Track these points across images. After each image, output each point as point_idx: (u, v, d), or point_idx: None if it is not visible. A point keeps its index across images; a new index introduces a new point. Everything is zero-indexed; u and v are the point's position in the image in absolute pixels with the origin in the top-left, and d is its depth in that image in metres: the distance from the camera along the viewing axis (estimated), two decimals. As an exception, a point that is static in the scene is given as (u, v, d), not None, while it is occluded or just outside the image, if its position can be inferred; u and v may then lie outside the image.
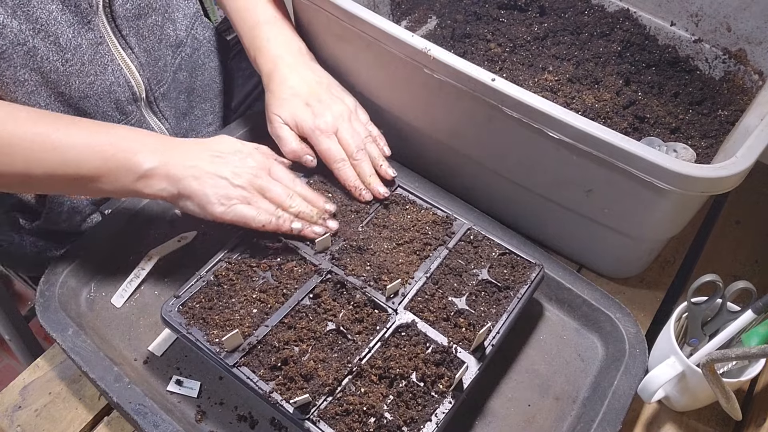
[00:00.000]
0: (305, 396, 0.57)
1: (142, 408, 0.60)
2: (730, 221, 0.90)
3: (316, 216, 0.70)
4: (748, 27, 0.85)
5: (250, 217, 0.67)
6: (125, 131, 0.67)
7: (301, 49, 0.79)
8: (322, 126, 0.73)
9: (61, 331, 0.65)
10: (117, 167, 0.64)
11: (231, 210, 0.66)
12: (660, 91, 0.90)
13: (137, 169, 0.65)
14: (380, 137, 0.78)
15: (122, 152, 0.64)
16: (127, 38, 0.79)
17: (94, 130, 0.65)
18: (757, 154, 0.62)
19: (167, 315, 0.64)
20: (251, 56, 0.79)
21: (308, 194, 0.72)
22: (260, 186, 0.68)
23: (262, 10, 0.79)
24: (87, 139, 0.64)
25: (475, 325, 0.65)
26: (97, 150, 0.64)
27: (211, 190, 0.66)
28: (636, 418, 0.71)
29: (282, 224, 0.68)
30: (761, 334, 0.63)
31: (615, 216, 0.71)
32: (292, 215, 0.69)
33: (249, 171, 0.68)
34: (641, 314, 0.78)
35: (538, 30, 0.94)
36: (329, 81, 0.78)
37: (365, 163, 0.74)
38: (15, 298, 1.61)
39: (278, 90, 0.75)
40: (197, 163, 0.66)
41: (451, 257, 0.71)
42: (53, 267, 0.71)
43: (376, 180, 0.74)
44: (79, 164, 0.63)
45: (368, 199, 0.74)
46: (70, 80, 0.74)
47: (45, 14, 0.68)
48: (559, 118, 0.63)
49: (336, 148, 0.74)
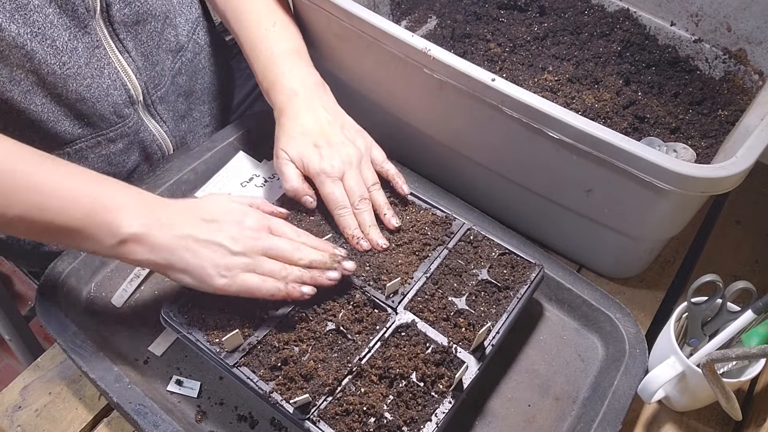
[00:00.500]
0: (305, 396, 0.57)
1: (142, 408, 0.60)
2: (730, 221, 0.90)
3: (330, 261, 0.65)
4: (748, 27, 0.86)
5: (255, 288, 0.61)
6: (110, 184, 0.61)
7: (317, 84, 0.76)
8: (328, 170, 0.70)
9: (61, 331, 0.65)
10: (97, 225, 0.58)
11: (234, 281, 0.61)
12: (660, 91, 0.90)
13: (118, 231, 0.58)
14: (398, 176, 0.75)
15: (103, 209, 0.58)
16: (125, 42, 0.78)
17: (77, 177, 0.60)
18: (757, 154, 0.62)
19: (167, 315, 0.64)
20: (264, 88, 0.76)
21: (316, 243, 0.67)
22: (262, 248, 0.62)
23: (276, 42, 0.76)
24: (69, 186, 0.58)
25: (475, 325, 0.65)
26: (77, 200, 0.58)
27: (208, 262, 0.60)
28: (636, 418, 0.71)
29: (291, 292, 0.62)
30: (761, 334, 0.63)
31: (615, 216, 0.71)
32: (302, 267, 0.64)
33: (247, 234, 0.62)
34: (641, 314, 0.78)
35: (538, 30, 0.94)
36: (343, 120, 0.75)
37: (366, 213, 0.72)
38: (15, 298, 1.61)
39: (288, 126, 0.73)
40: (189, 231, 0.60)
41: (451, 257, 0.71)
42: (53, 267, 0.71)
43: (375, 231, 0.71)
44: (56, 213, 0.57)
45: (365, 249, 0.70)
46: (67, 83, 0.73)
47: (42, 18, 0.68)
48: (559, 118, 0.63)
49: (339, 194, 0.70)
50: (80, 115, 0.78)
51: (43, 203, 0.57)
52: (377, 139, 0.77)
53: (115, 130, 0.82)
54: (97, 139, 0.81)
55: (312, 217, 0.73)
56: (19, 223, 0.57)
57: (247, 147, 0.87)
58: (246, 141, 0.87)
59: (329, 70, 0.82)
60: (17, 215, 0.56)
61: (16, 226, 0.58)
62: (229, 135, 0.87)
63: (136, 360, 0.68)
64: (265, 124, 0.88)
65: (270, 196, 0.80)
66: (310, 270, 0.64)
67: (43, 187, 0.57)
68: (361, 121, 0.77)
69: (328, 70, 0.82)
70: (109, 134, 0.82)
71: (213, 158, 0.84)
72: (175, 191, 0.80)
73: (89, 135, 0.80)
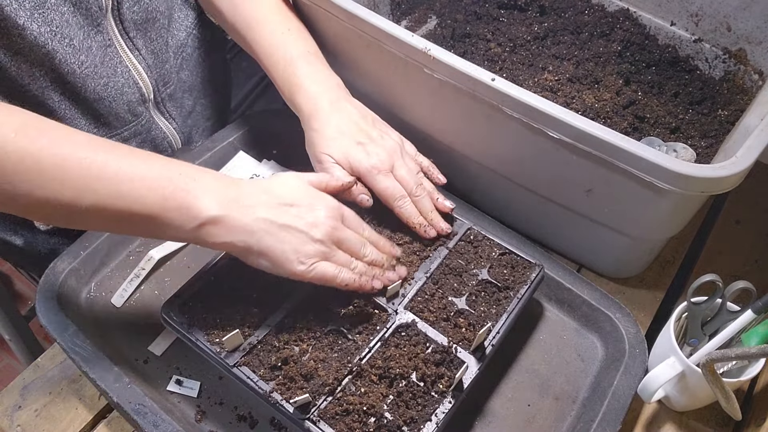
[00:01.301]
0: (305, 396, 0.57)
1: (142, 408, 0.60)
2: (730, 221, 0.90)
3: (387, 263, 0.66)
4: (748, 27, 0.86)
5: (332, 277, 0.62)
6: (183, 167, 0.60)
7: (339, 85, 0.75)
8: (379, 165, 0.69)
9: (61, 331, 0.65)
10: (176, 208, 0.57)
11: (312, 269, 0.61)
12: (660, 91, 0.90)
13: (198, 214, 0.57)
14: (432, 166, 0.75)
15: (181, 192, 0.57)
16: (135, 41, 0.79)
17: (150, 162, 0.59)
18: (757, 154, 0.62)
19: (167, 315, 0.64)
20: (286, 94, 0.75)
21: (377, 239, 0.68)
22: (338, 238, 0.63)
23: (294, 46, 0.75)
24: (144, 172, 0.57)
25: (475, 325, 0.65)
26: (154, 186, 0.57)
27: (289, 247, 0.60)
28: (636, 418, 0.71)
29: (364, 284, 0.63)
30: (761, 334, 0.63)
31: (615, 216, 0.71)
32: (365, 264, 0.65)
33: (326, 222, 0.62)
34: (641, 314, 0.78)
35: (538, 30, 0.94)
36: (373, 116, 0.75)
37: (425, 199, 0.71)
38: (15, 298, 1.61)
39: (323, 129, 0.71)
40: (269, 215, 0.60)
41: (451, 257, 0.71)
42: (53, 267, 0.71)
43: (437, 216, 0.71)
44: (132, 200, 0.56)
45: (432, 236, 0.70)
46: (86, 82, 0.74)
47: (58, 16, 0.68)
48: (559, 118, 0.63)
49: (395, 186, 0.70)
50: (97, 114, 0.78)
51: (119, 191, 0.55)
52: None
53: (128, 129, 0.83)
54: (112, 138, 0.81)
55: None
56: (93, 214, 0.56)
57: (247, 147, 0.87)
58: (246, 141, 0.87)
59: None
60: (91, 204, 0.55)
61: (90, 217, 0.57)
62: (229, 135, 0.87)
63: (136, 360, 0.68)
64: (265, 124, 0.88)
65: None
66: (372, 267, 0.65)
67: (116, 174, 0.56)
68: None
69: (328, 70, 0.82)
70: (123, 133, 0.82)
71: (213, 158, 0.84)
72: None
73: (104, 134, 0.80)
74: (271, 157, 0.86)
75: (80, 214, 0.56)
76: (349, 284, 0.62)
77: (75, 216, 0.57)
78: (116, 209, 0.56)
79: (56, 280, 0.70)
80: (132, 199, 0.56)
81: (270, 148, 0.87)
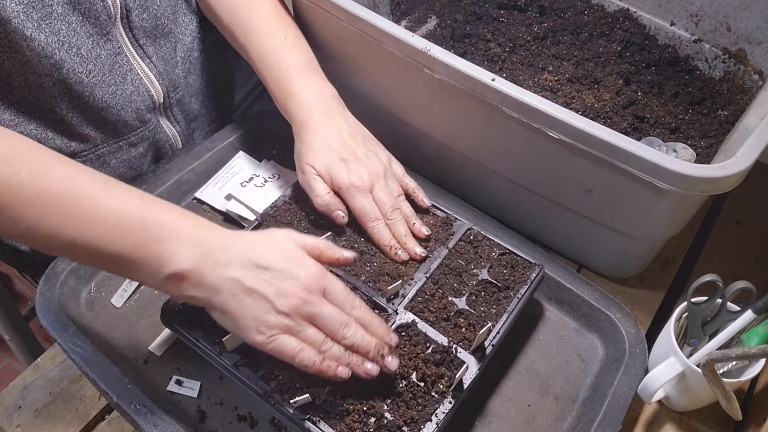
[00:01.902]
0: (305, 396, 0.57)
1: (142, 408, 0.60)
2: (730, 221, 0.90)
3: (374, 350, 0.58)
4: (748, 27, 0.86)
5: (290, 354, 0.56)
6: (163, 212, 0.57)
7: (334, 96, 0.75)
8: (358, 183, 0.69)
9: (61, 331, 0.65)
10: (145, 257, 0.55)
11: (271, 341, 0.56)
12: (660, 91, 0.90)
13: (167, 266, 0.55)
14: (417, 189, 0.75)
15: (153, 242, 0.55)
16: (145, 48, 0.79)
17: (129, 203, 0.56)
18: (757, 154, 0.62)
19: (167, 315, 0.64)
20: (279, 102, 0.75)
21: (369, 321, 0.60)
22: (310, 312, 0.57)
23: (290, 55, 0.75)
24: (119, 215, 0.55)
25: (475, 325, 0.65)
26: (127, 231, 0.55)
27: (249, 313, 0.56)
28: (636, 418, 0.71)
29: (326, 370, 0.57)
30: (761, 334, 0.63)
31: (615, 216, 0.71)
32: (343, 347, 0.58)
33: (298, 293, 0.56)
34: (641, 314, 0.78)
35: (538, 30, 0.94)
36: (363, 133, 0.75)
37: (399, 223, 0.71)
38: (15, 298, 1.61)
39: (312, 140, 0.71)
40: (238, 275, 0.56)
41: (451, 257, 0.71)
42: (53, 267, 0.71)
43: (411, 240, 0.70)
44: (107, 241, 0.54)
45: (404, 259, 0.69)
46: (94, 91, 0.74)
47: (66, 26, 0.68)
48: (559, 118, 0.63)
49: (371, 207, 0.70)
50: (105, 122, 0.78)
51: (93, 232, 0.54)
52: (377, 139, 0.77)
53: (136, 135, 0.83)
54: (119, 144, 0.82)
55: (312, 216, 0.73)
56: (68, 248, 0.55)
57: (247, 147, 0.87)
58: (246, 141, 0.87)
59: (329, 70, 0.82)
60: (69, 240, 0.54)
61: (66, 250, 0.56)
62: (229, 135, 0.87)
63: (136, 360, 0.68)
64: (265, 124, 0.88)
65: (270, 196, 0.80)
66: (350, 353, 0.58)
67: (92, 214, 0.54)
68: (361, 121, 0.77)
69: (329, 71, 0.82)
70: (131, 139, 0.83)
71: (213, 158, 0.84)
72: (175, 191, 0.80)
73: (112, 140, 0.81)
74: (271, 157, 0.86)
75: (58, 247, 0.55)
76: (308, 366, 0.56)
77: (53, 248, 0.56)
78: (91, 247, 0.55)
79: (56, 280, 0.70)
80: (106, 241, 0.54)
81: (270, 148, 0.87)
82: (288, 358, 0.57)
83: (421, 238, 0.72)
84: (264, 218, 0.73)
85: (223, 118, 1.02)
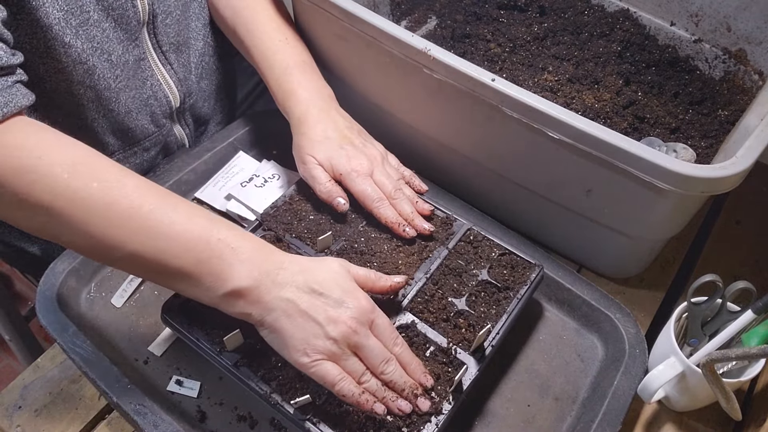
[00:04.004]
0: (306, 397, 0.57)
1: (142, 408, 0.60)
2: (730, 221, 0.90)
3: (408, 390, 0.59)
4: (748, 27, 0.86)
5: (331, 381, 0.56)
6: (224, 231, 0.58)
7: (330, 96, 0.78)
8: (358, 168, 0.71)
9: (61, 331, 0.65)
10: (208, 273, 0.56)
11: (315, 365, 0.56)
12: (660, 91, 0.90)
13: (226, 283, 0.56)
14: (414, 176, 0.77)
15: (216, 259, 0.56)
16: (167, 54, 0.81)
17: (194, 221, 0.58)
18: (757, 154, 0.62)
19: (167, 315, 0.64)
20: (279, 99, 0.77)
21: (409, 361, 0.60)
22: (357, 343, 0.57)
23: (290, 55, 0.78)
24: (183, 231, 0.56)
25: (474, 325, 0.65)
26: (190, 247, 0.56)
27: (299, 334, 0.56)
28: (636, 418, 0.71)
29: (363, 404, 0.56)
30: (761, 334, 0.63)
31: (615, 216, 0.71)
32: (380, 382, 0.58)
33: (348, 322, 0.57)
34: (641, 314, 0.78)
35: (538, 30, 0.94)
36: (359, 127, 0.77)
37: (404, 202, 0.72)
38: (15, 298, 1.61)
39: (311, 132, 0.73)
40: (294, 297, 0.57)
41: (451, 258, 0.71)
42: (53, 267, 0.71)
43: (418, 216, 0.72)
44: (171, 256, 0.56)
45: (412, 236, 0.70)
46: (119, 96, 0.75)
47: (100, 32, 0.70)
48: (559, 118, 0.63)
49: (372, 189, 0.71)
50: (125, 127, 0.80)
51: (157, 246, 0.55)
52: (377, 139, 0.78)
53: (151, 139, 0.84)
54: (134, 149, 0.84)
55: (312, 216, 0.74)
56: (130, 260, 0.56)
57: (247, 147, 0.87)
58: (246, 141, 0.87)
59: (329, 70, 0.82)
60: (132, 252, 0.55)
61: (127, 262, 0.57)
62: (229, 135, 0.87)
63: (136, 360, 0.68)
64: (265, 124, 0.88)
65: (270, 196, 0.80)
66: (386, 389, 0.58)
67: (157, 228, 0.56)
68: (361, 121, 0.78)
69: (328, 71, 0.82)
70: (145, 144, 0.84)
71: (213, 158, 0.84)
72: (175, 191, 0.78)
73: (130, 146, 0.83)
74: (271, 157, 0.86)
75: (119, 258, 0.57)
76: (346, 396, 0.56)
77: (115, 259, 0.57)
78: (154, 261, 0.56)
79: (56, 280, 0.70)
80: (170, 255, 0.56)
81: (270, 148, 0.87)
82: (328, 385, 0.57)
83: (425, 216, 0.73)
84: (264, 218, 0.73)
85: (229, 120, 1.03)
